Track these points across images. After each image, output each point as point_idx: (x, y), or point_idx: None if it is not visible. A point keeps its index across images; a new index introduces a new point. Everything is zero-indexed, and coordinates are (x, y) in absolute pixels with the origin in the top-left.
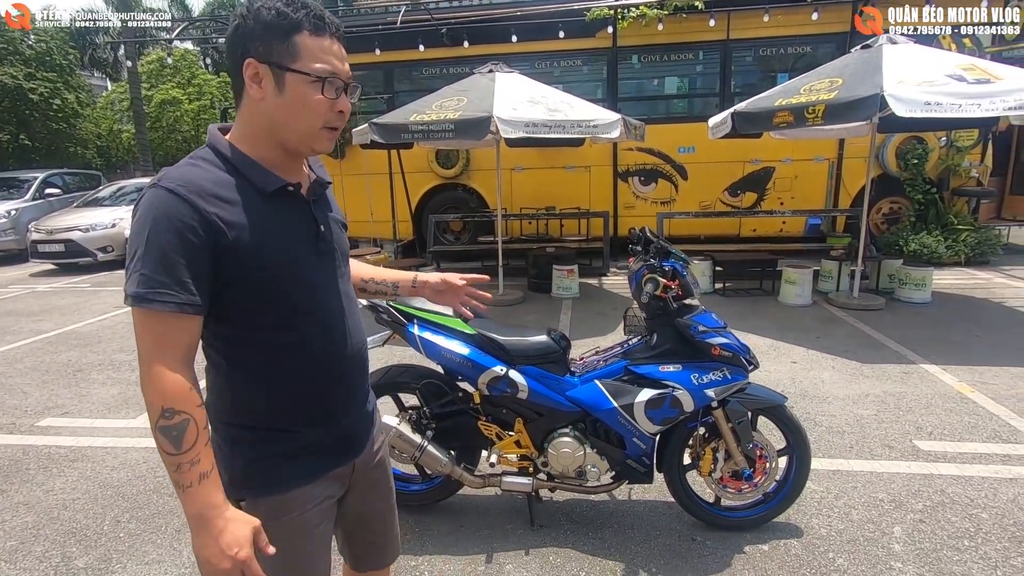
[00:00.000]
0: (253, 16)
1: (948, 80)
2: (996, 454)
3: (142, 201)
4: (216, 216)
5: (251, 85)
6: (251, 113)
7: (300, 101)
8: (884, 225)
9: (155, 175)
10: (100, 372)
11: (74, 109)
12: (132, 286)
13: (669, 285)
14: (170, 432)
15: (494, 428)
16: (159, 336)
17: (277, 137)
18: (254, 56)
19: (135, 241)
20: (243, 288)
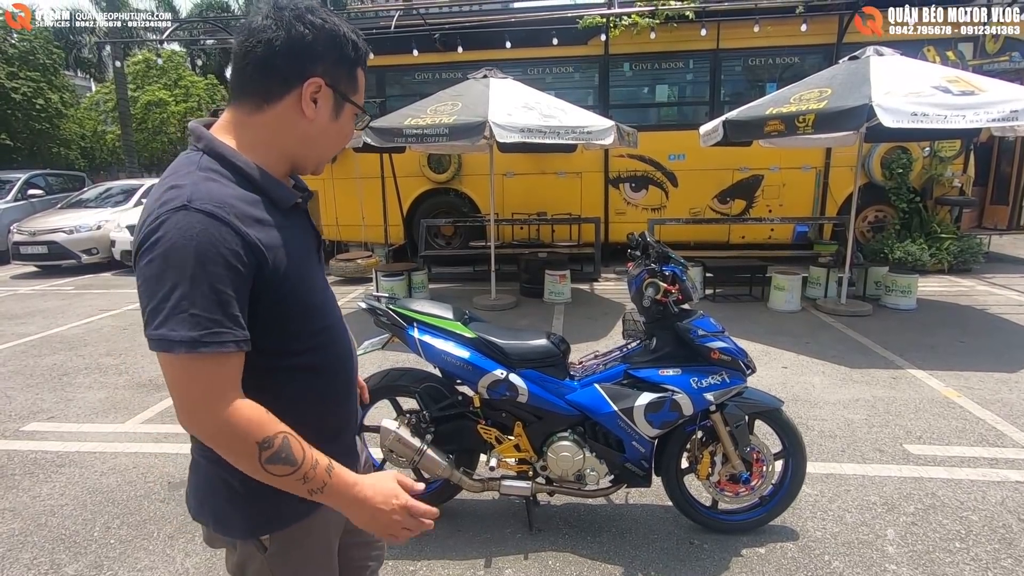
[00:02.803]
0: (328, 37)
1: (934, 91)
2: (983, 458)
3: (170, 226)
4: (257, 240)
5: (306, 103)
6: (282, 126)
7: (342, 130)
8: (870, 233)
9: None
10: (86, 376)
11: (58, 109)
12: (182, 329)
13: (669, 290)
14: (279, 457)
15: (493, 432)
16: (218, 378)
17: (296, 155)
18: (322, 77)
19: (172, 275)
20: (273, 313)
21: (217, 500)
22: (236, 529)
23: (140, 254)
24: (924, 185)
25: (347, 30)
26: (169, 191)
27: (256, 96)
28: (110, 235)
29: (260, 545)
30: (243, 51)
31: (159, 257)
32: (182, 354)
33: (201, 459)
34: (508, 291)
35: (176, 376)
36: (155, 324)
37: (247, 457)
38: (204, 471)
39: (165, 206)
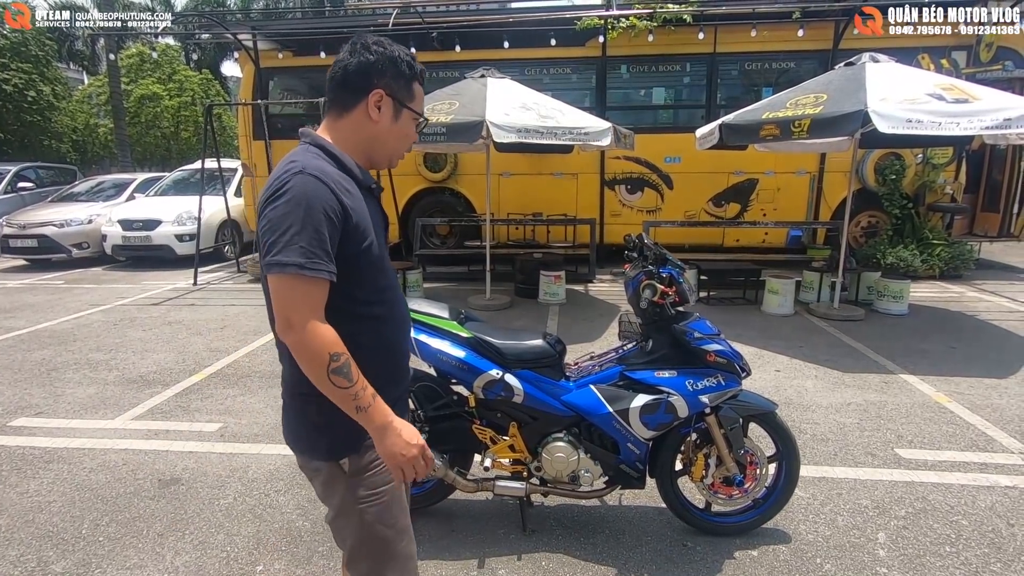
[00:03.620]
0: (387, 59)
1: (928, 99)
2: (974, 462)
3: (290, 183)
4: (347, 203)
5: (372, 109)
6: (357, 128)
7: (404, 131)
8: (862, 238)
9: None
10: (76, 371)
11: (49, 102)
12: (292, 256)
13: (666, 291)
14: (341, 371)
15: (488, 432)
16: (313, 299)
17: (369, 150)
18: (383, 88)
19: (290, 217)
20: (351, 264)
21: (304, 430)
22: (321, 453)
23: (267, 202)
24: (917, 191)
25: (403, 54)
26: (290, 163)
27: (339, 106)
28: (101, 229)
29: (340, 469)
30: (331, 75)
31: (282, 204)
32: (290, 274)
33: (289, 398)
34: (503, 291)
35: (282, 292)
36: (273, 252)
37: (319, 365)
38: (293, 408)
39: (288, 171)
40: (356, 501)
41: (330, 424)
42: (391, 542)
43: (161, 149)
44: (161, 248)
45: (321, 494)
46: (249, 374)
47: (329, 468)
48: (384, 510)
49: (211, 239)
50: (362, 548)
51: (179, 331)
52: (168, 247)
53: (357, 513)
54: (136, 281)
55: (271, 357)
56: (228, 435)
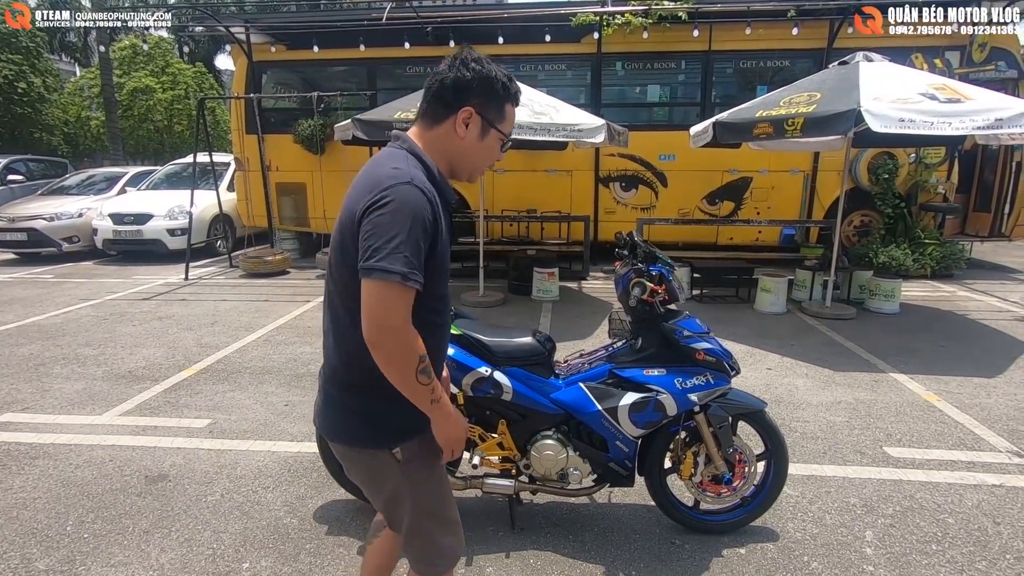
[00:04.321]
0: (483, 78)
1: (921, 98)
2: (961, 461)
3: (399, 193)
4: (439, 218)
5: (460, 124)
6: (446, 141)
7: (489, 149)
8: (855, 237)
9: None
10: (64, 367)
11: (40, 94)
12: (397, 265)
13: (656, 290)
14: (426, 371)
15: (477, 429)
16: (406, 307)
17: (453, 162)
18: (473, 106)
19: (396, 226)
20: (431, 274)
21: (352, 421)
22: (371, 441)
23: (373, 207)
24: (909, 191)
25: (500, 75)
26: (395, 169)
27: (430, 117)
28: (92, 223)
29: (393, 457)
30: (428, 86)
31: (389, 212)
32: (393, 282)
33: (334, 391)
34: (496, 288)
35: (382, 298)
36: (378, 257)
37: (409, 366)
38: (338, 401)
39: (396, 179)
40: (412, 484)
41: (381, 414)
42: (444, 512)
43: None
44: (153, 242)
45: (365, 480)
46: (239, 370)
47: (379, 456)
48: (436, 486)
49: (203, 234)
50: (421, 523)
51: (169, 326)
52: (160, 241)
53: (413, 494)
54: (127, 275)
55: (262, 353)
56: (217, 431)
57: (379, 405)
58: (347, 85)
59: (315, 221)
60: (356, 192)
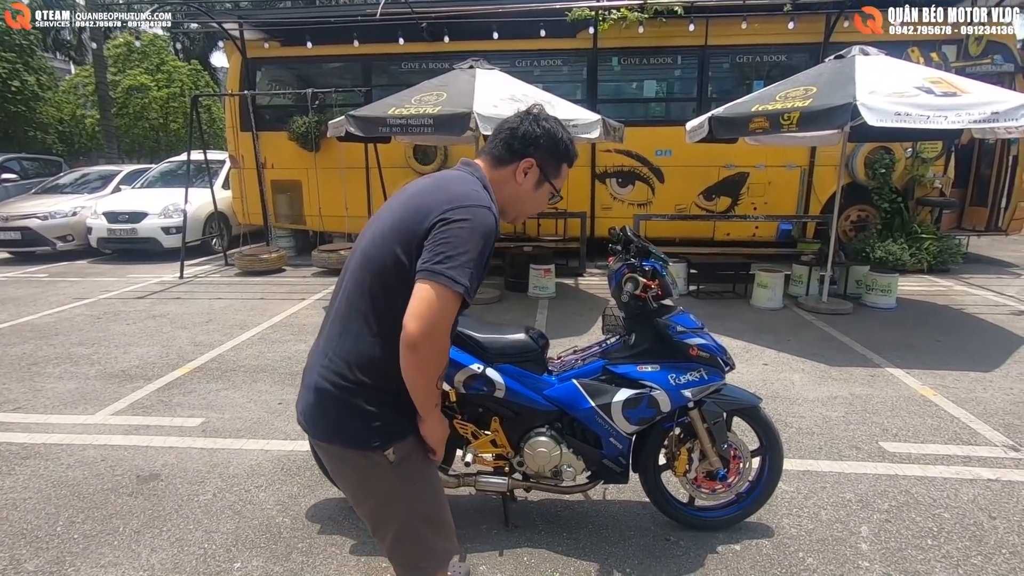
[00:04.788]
0: (549, 137)
1: (917, 92)
2: (957, 456)
3: (480, 214)
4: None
5: (519, 173)
6: (504, 182)
7: (538, 199)
8: (852, 232)
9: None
10: (56, 366)
11: (34, 92)
12: (464, 278)
13: (649, 285)
14: (444, 377)
15: (470, 427)
16: (454, 317)
17: (505, 205)
18: (534, 159)
19: (472, 243)
20: None
21: (350, 421)
22: (369, 443)
23: (454, 219)
24: (906, 186)
25: (565, 137)
26: (479, 192)
27: (496, 158)
28: (86, 222)
29: (385, 458)
30: (498, 129)
31: (468, 229)
32: (455, 291)
33: (334, 389)
34: (493, 285)
35: (440, 303)
36: (448, 265)
37: (437, 370)
38: (336, 400)
39: (480, 202)
40: (403, 483)
41: (378, 415)
42: (437, 514)
43: (150, 141)
44: (147, 241)
45: (355, 484)
46: (233, 368)
47: (371, 458)
48: (428, 488)
49: (198, 232)
50: (412, 526)
51: (163, 325)
52: (155, 240)
53: (405, 496)
54: (122, 274)
55: (256, 351)
56: (210, 430)
57: (377, 406)
58: (342, 82)
59: (311, 219)
60: (433, 199)
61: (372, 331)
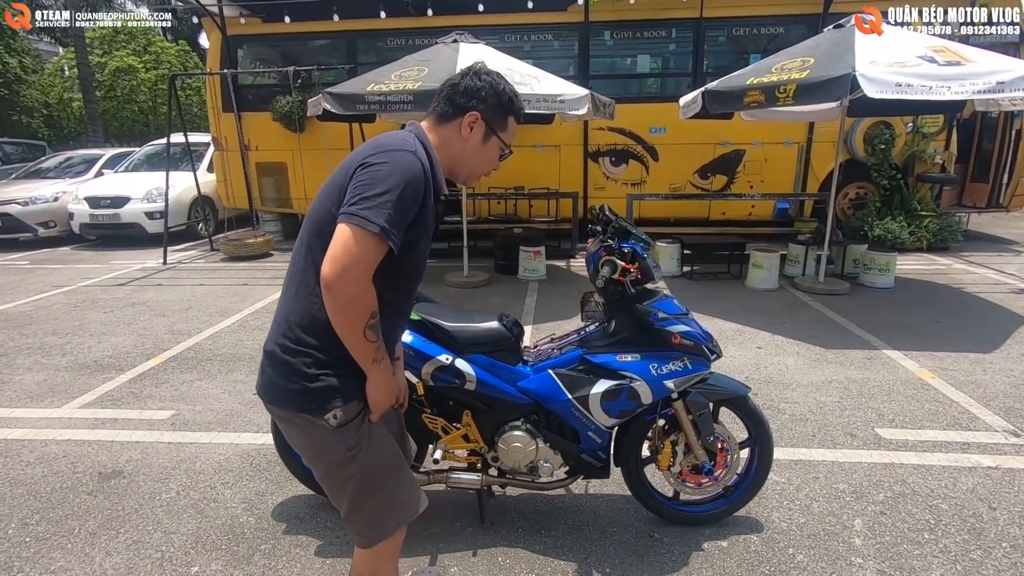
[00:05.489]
0: (492, 89)
1: (919, 61)
2: (956, 442)
3: (400, 157)
4: (427, 200)
5: (464, 127)
6: (449, 139)
7: (487, 155)
8: (850, 210)
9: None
10: (27, 357)
11: (17, 74)
12: (380, 218)
13: (627, 268)
14: (375, 328)
15: (440, 421)
16: (373, 261)
17: (453, 162)
18: (478, 112)
19: (389, 183)
20: (402, 255)
21: (293, 384)
22: (306, 405)
23: (371, 163)
24: (906, 162)
25: (508, 88)
26: (405, 140)
27: (439, 115)
28: (68, 207)
29: (328, 424)
30: (440, 88)
31: (386, 170)
32: (371, 231)
33: (280, 351)
34: (482, 268)
35: (354, 244)
36: (363, 206)
37: (360, 318)
38: (282, 363)
39: (403, 146)
40: (349, 448)
41: (318, 376)
42: (391, 477)
43: (139, 124)
44: (131, 226)
45: (306, 449)
46: (210, 358)
47: (314, 422)
48: (375, 448)
49: (183, 216)
50: (364, 492)
51: (142, 313)
52: (138, 225)
53: (354, 461)
54: (104, 261)
55: (235, 339)
56: (179, 423)
57: (319, 368)
58: (328, 59)
59: (297, 202)
60: (360, 151)
61: (311, 290)
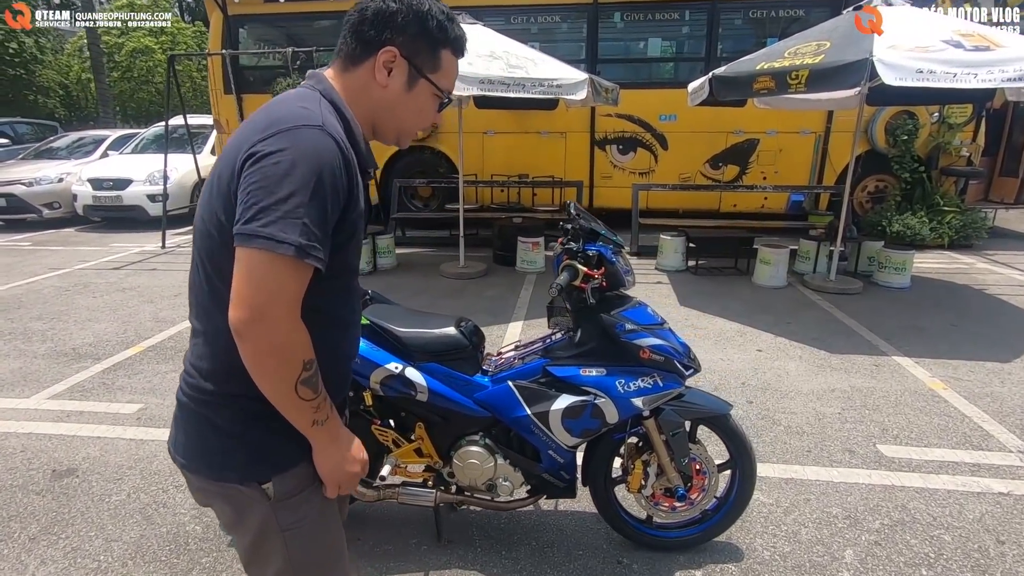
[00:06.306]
0: (413, 12)
1: (944, 46)
2: (965, 463)
3: (305, 137)
4: (354, 184)
5: (379, 70)
6: (365, 90)
7: (419, 106)
8: (869, 204)
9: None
10: (7, 342)
11: (33, 54)
12: (291, 232)
13: (590, 274)
14: (311, 381)
15: (391, 434)
16: (299, 291)
17: (376, 121)
18: (398, 47)
19: (295, 181)
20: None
21: (213, 444)
22: (233, 473)
23: (262, 153)
24: (930, 154)
25: (436, 10)
26: (301, 109)
27: (346, 55)
28: (71, 189)
29: (263, 493)
30: (347, 17)
31: (286, 161)
32: (282, 254)
33: (192, 404)
34: (480, 258)
35: (264, 275)
36: (264, 221)
37: (290, 371)
38: (198, 417)
39: (302, 120)
40: (283, 529)
41: (248, 438)
42: (325, 567)
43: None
44: (133, 209)
45: (231, 522)
46: None
47: (245, 492)
48: (318, 534)
49: (185, 199)
50: None
51: (130, 298)
52: (140, 208)
53: (283, 542)
54: (105, 243)
55: None
56: (145, 418)
57: (245, 423)
58: (332, 41)
59: None
60: (246, 131)
61: (217, 326)
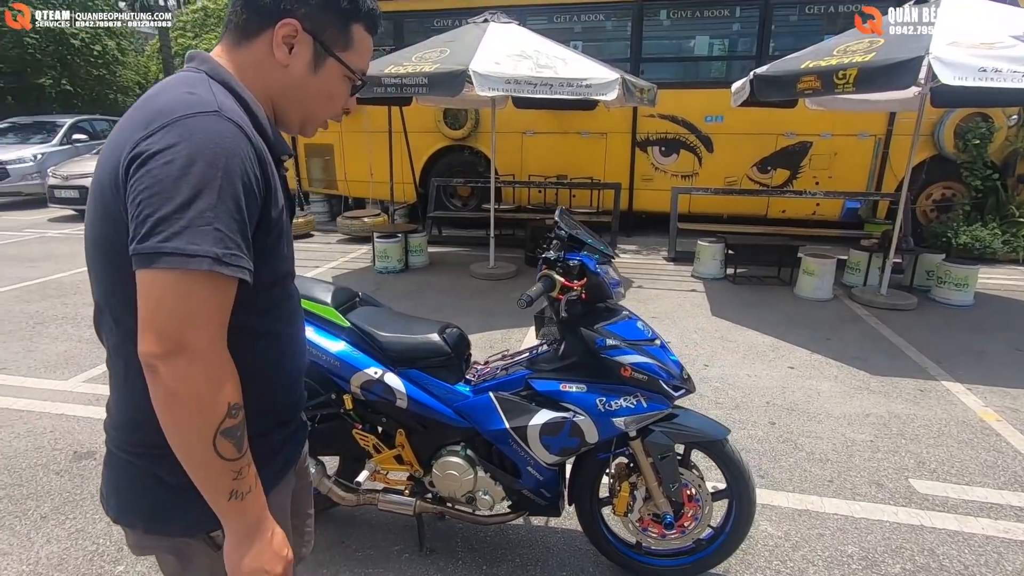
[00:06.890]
0: None
1: (1014, 42)
2: (1011, 506)
3: (199, 126)
4: (269, 173)
5: (278, 46)
6: (260, 67)
7: (328, 90)
8: (934, 213)
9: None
10: (59, 326)
11: (115, 56)
12: (204, 243)
13: (569, 285)
14: (234, 433)
15: (371, 439)
16: (222, 311)
17: (278, 104)
18: (300, 20)
19: (194, 180)
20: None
21: (149, 497)
22: (176, 525)
23: (152, 154)
24: (1005, 160)
25: None
26: (188, 95)
27: (237, 29)
28: None
29: (211, 542)
30: None
31: (182, 157)
32: (196, 271)
33: (122, 454)
34: (511, 259)
35: (175, 297)
36: (166, 235)
37: (210, 417)
38: (128, 468)
39: (193, 108)
40: None
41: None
42: None
43: None
44: None
45: (175, 572)
46: None
47: (185, 547)
48: None
49: None
50: None
51: None
52: None
53: None
54: None
55: None
56: None
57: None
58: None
59: (341, 184)
60: (127, 125)
61: (129, 366)
